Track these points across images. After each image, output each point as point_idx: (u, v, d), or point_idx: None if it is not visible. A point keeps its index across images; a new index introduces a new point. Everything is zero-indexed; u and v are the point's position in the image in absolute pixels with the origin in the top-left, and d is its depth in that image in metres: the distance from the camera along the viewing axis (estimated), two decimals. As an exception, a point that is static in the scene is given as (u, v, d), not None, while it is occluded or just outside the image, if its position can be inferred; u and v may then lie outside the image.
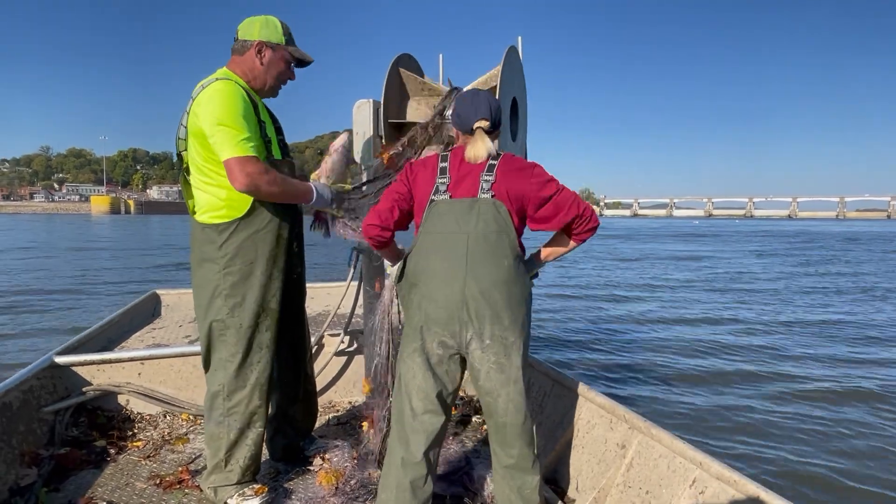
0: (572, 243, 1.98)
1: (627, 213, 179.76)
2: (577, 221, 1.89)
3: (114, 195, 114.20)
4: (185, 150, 2.12)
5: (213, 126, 1.94)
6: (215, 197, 2.08)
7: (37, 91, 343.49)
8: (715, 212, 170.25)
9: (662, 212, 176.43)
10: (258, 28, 2.16)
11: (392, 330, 2.40)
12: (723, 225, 73.15)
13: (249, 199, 2.07)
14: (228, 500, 2.21)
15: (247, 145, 1.96)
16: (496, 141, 2.02)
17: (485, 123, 1.92)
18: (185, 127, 2.07)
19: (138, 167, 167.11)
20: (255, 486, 2.28)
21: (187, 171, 2.16)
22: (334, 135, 2.86)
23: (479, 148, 1.91)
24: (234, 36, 2.19)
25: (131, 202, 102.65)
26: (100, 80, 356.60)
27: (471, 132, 1.94)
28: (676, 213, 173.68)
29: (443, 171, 1.91)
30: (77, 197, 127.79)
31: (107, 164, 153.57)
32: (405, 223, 2.01)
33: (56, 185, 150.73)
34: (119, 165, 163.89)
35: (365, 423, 2.58)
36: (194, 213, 2.16)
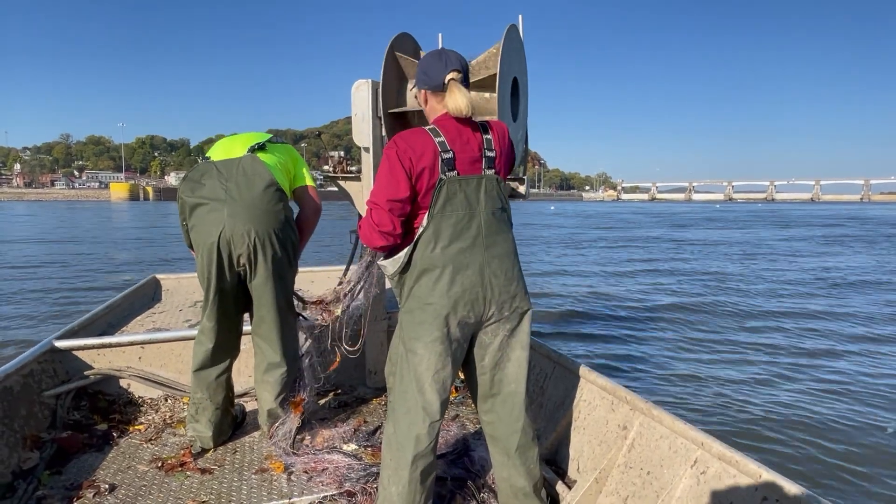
0: None
1: (645, 196, 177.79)
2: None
3: (132, 182, 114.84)
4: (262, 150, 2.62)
5: (302, 162, 2.75)
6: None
7: (57, 80, 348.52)
8: (735, 195, 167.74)
9: (681, 196, 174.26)
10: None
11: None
12: (775, 210, 67.37)
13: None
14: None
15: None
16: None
17: (457, 74, 1.83)
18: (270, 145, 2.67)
19: (156, 154, 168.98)
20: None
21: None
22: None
23: (460, 98, 1.79)
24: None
25: (150, 189, 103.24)
26: (118, 69, 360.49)
27: (443, 87, 1.84)
28: (695, 196, 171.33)
29: (443, 145, 1.80)
30: (97, 184, 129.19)
31: (125, 151, 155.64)
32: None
33: (76, 173, 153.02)
34: (137, 152, 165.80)
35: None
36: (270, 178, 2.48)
